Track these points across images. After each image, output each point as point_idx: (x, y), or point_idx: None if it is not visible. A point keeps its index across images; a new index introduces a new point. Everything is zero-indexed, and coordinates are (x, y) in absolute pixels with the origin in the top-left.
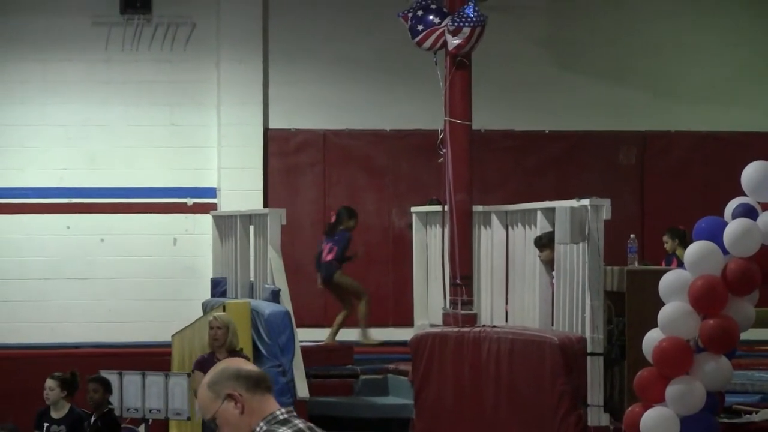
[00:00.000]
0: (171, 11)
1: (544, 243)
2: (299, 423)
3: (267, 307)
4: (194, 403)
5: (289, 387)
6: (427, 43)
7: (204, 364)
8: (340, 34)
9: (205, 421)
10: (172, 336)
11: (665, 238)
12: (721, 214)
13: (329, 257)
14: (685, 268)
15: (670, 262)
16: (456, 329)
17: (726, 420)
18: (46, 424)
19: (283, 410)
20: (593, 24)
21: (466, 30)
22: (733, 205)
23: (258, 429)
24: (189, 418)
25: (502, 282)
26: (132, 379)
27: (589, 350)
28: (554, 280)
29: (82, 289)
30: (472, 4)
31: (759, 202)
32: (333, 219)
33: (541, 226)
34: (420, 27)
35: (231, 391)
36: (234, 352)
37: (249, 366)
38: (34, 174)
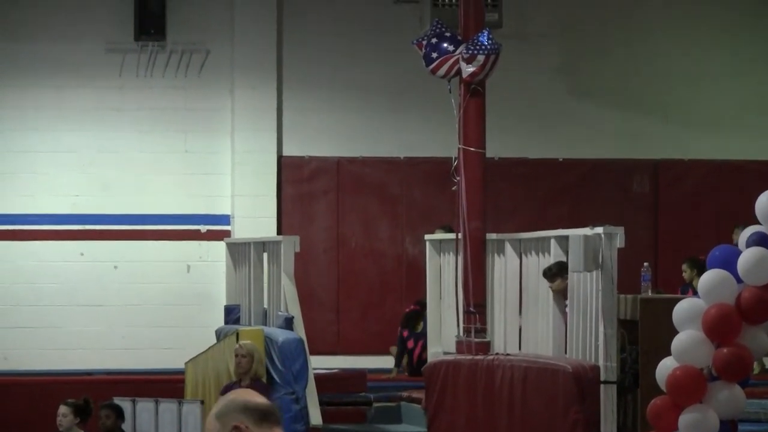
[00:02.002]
0: (185, 38)
1: (554, 273)
2: None
3: (280, 335)
4: None
5: (303, 414)
6: (442, 71)
7: (227, 391)
8: (354, 62)
9: None
10: (186, 363)
11: (684, 266)
12: (735, 242)
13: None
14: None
15: (686, 291)
16: (469, 357)
17: None
18: None
19: None
20: (607, 52)
21: (481, 58)
22: (747, 233)
23: None
24: None
25: (515, 310)
26: (145, 406)
27: (602, 378)
28: (567, 309)
29: (96, 315)
30: (487, 32)
31: None
32: (410, 309)
33: (555, 254)
34: (434, 54)
35: (238, 423)
36: (258, 381)
37: (258, 398)
38: (47, 200)
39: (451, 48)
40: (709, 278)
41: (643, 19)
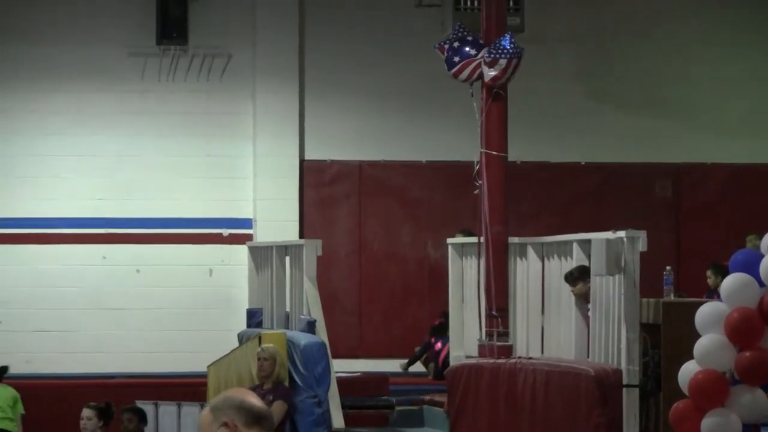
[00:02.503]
0: (207, 42)
1: (576, 277)
2: None
3: (303, 338)
4: None
5: (325, 418)
6: (464, 75)
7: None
8: (375, 66)
9: None
10: (208, 366)
11: (709, 273)
12: (757, 246)
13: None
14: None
15: (712, 297)
16: (491, 361)
17: None
18: None
19: None
20: (628, 56)
21: (503, 62)
22: None
23: None
24: None
25: (537, 314)
26: (167, 409)
27: (624, 382)
28: (589, 312)
29: (118, 319)
30: (509, 36)
31: None
32: (437, 323)
33: (577, 258)
34: (456, 58)
35: (228, 420)
36: (280, 384)
37: (255, 401)
38: (69, 204)
39: (473, 52)
40: (732, 282)
41: (664, 24)
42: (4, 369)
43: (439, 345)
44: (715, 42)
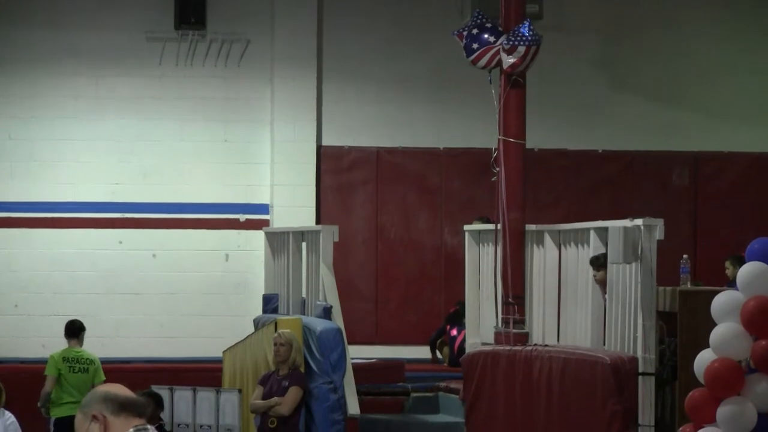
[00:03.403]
0: (225, 28)
1: (602, 263)
2: None
3: (319, 324)
4: (246, 418)
5: (340, 404)
6: (482, 62)
7: (266, 380)
8: (394, 53)
9: None
10: (224, 352)
11: (727, 264)
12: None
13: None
14: None
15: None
16: (508, 348)
17: None
18: None
19: (131, 429)
20: (647, 44)
21: (521, 49)
22: None
23: None
24: None
25: (554, 301)
26: (183, 394)
27: (640, 370)
28: (606, 299)
29: (134, 304)
30: (528, 23)
31: None
32: (453, 310)
33: (594, 246)
34: (475, 45)
35: (96, 413)
36: (296, 370)
37: (122, 391)
38: (86, 189)
39: (491, 39)
40: (748, 271)
41: (683, 12)
42: (74, 326)
43: (455, 331)
44: (735, 31)
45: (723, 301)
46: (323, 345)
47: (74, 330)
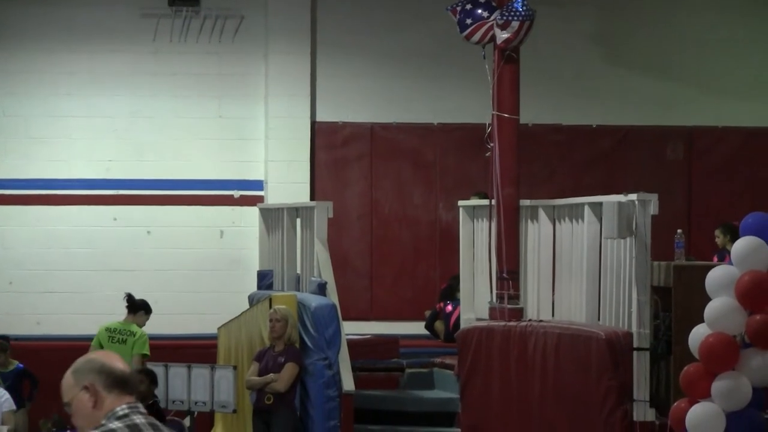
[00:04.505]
0: (219, 3)
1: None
2: (137, 418)
3: (313, 300)
4: (242, 395)
5: (335, 380)
6: (476, 37)
7: (262, 357)
8: (388, 28)
9: (253, 416)
10: (218, 328)
11: (717, 232)
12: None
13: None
14: None
15: (723, 257)
16: (502, 323)
17: None
18: None
19: (124, 406)
20: (641, 18)
21: (515, 24)
22: None
23: (101, 426)
24: (235, 411)
25: (548, 276)
26: (178, 371)
27: (635, 345)
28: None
29: (129, 280)
30: None
31: None
32: (446, 285)
33: (589, 221)
34: (468, 21)
35: (88, 384)
36: (291, 346)
37: (117, 363)
38: (81, 165)
39: (485, 14)
40: (743, 245)
41: None
42: (131, 301)
43: (449, 307)
44: (730, 5)
45: (717, 275)
46: (318, 321)
47: (131, 305)
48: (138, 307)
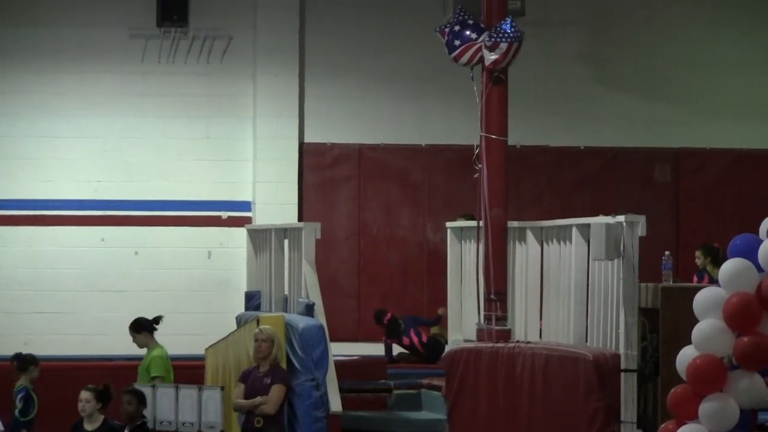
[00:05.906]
0: (208, 24)
1: None
2: None
3: (301, 321)
4: (229, 416)
5: (323, 401)
6: (464, 59)
7: (247, 377)
8: (376, 49)
9: None
10: (206, 349)
11: (697, 253)
12: (756, 231)
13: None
14: (716, 284)
15: (702, 277)
16: (490, 345)
17: None
18: None
19: None
20: (629, 40)
21: (503, 45)
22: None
23: None
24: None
25: (536, 298)
26: (165, 391)
27: (623, 367)
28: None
29: (116, 301)
30: (510, 20)
31: None
32: (387, 318)
33: (577, 242)
34: (457, 42)
35: None
36: (277, 366)
37: None
38: (69, 186)
39: (473, 36)
40: (730, 267)
41: (665, 8)
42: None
43: (406, 340)
44: (717, 26)
45: (705, 297)
46: (305, 342)
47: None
48: (143, 327)
